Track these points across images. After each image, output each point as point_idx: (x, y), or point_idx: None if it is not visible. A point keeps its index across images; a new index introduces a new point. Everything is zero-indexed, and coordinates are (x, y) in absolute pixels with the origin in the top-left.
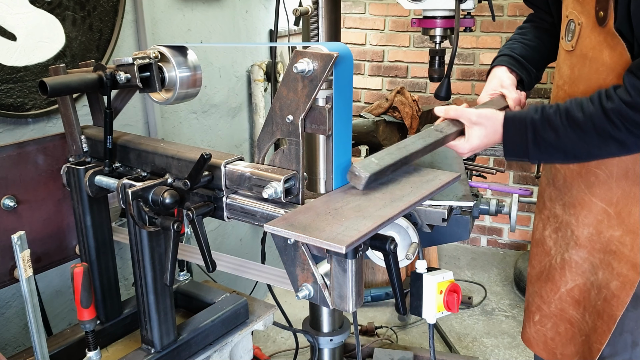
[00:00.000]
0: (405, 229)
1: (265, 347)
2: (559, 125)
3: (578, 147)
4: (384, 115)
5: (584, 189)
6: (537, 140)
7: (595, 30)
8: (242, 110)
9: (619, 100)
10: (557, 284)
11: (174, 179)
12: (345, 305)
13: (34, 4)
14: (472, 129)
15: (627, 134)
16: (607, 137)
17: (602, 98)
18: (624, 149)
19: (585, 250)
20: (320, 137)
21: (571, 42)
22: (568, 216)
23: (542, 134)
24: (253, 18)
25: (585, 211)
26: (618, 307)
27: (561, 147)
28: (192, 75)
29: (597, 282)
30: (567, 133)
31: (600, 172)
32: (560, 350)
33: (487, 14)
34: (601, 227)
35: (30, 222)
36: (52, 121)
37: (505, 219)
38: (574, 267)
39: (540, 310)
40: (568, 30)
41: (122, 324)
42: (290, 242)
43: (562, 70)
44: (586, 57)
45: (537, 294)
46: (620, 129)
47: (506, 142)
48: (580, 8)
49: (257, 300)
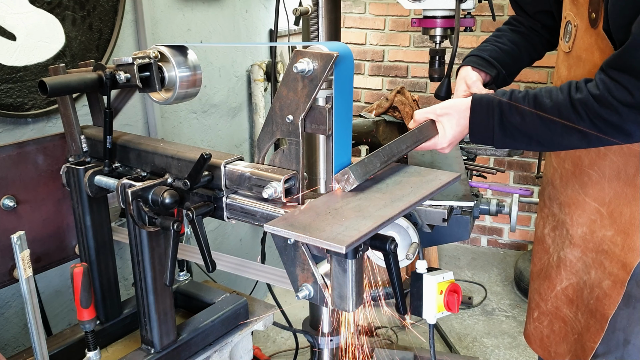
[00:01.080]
0: (405, 229)
1: (265, 347)
2: (526, 109)
3: (542, 134)
4: (384, 115)
5: (577, 188)
6: (502, 123)
7: (588, 32)
8: (242, 110)
9: (587, 92)
10: (553, 282)
11: (174, 179)
12: (345, 305)
13: (33, 3)
14: (441, 122)
15: (591, 126)
16: (571, 127)
17: (572, 88)
18: (585, 140)
19: (579, 249)
20: (320, 137)
21: (568, 44)
22: (563, 215)
23: (508, 117)
24: (253, 18)
25: (579, 211)
26: (610, 306)
27: (526, 132)
28: (192, 75)
29: (589, 282)
30: (532, 118)
31: (593, 173)
32: (554, 348)
33: (487, 13)
34: (594, 226)
35: (30, 222)
36: (52, 121)
37: (506, 219)
38: (568, 266)
39: (538, 307)
40: (566, 32)
41: (121, 324)
42: (290, 242)
43: (560, 70)
44: (580, 59)
45: (536, 291)
46: (584, 120)
47: (472, 123)
48: (576, 10)
49: (257, 300)
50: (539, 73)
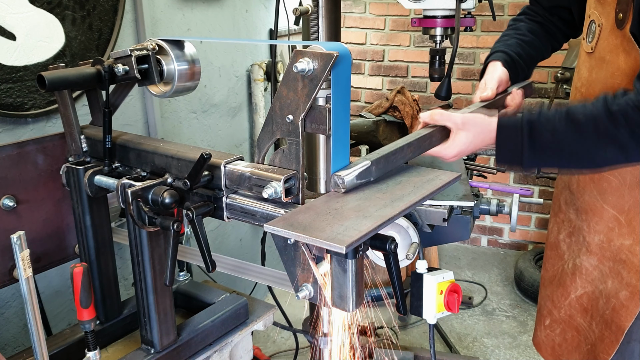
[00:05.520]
0: (405, 228)
1: (265, 347)
2: (557, 125)
3: (575, 149)
4: (384, 114)
5: (596, 194)
6: (533, 142)
7: (613, 33)
8: (242, 110)
9: (626, 102)
10: (567, 290)
11: (174, 179)
12: (345, 305)
13: (33, 3)
14: (458, 134)
15: (629, 137)
16: (608, 139)
17: (608, 100)
18: (623, 154)
19: (596, 257)
20: (320, 137)
21: (591, 44)
22: (580, 222)
23: (539, 136)
24: (253, 17)
25: (596, 217)
26: (627, 318)
27: (558, 148)
28: (191, 68)
29: (605, 291)
30: (565, 133)
31: (613, 179)
32: (566, 357)
33: (487, 13)
34: (612, 234)
35: (30, 222)
36: (52, 121)
37: (506, 219)
38: (584, 274)
39: (551, 314)
40: (589, 31)
41: (121, 324)
42: (290, 242)
43: (581, 72)
44: (604, 60)
45: (548, 297)
46: (623, 131)
47: (499, 144)
48: (602, 9)
49: (257, 300)
50: (539, 73)
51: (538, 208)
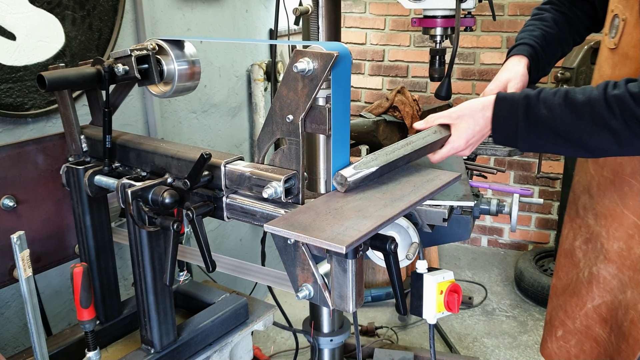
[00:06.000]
0: (405, 229)
1: (265, 348)
2: (554, 103)
3: (570, 130)
4: (384, 114)
5: (616, 199)
6: (528, 116)
7: (638, 27)
8: (242, 110)
9: (625, 90)
10: (583, 299)
11: (174, 179)
12: (345, 305)
13: (33, 3)
14: (457, 125)
15: (623, 126)
16: (601, 126)
17: (609, 85)
18: (616, 141)
19: (615, 265)
20: (320, 137)
21: (614, 39)
22: (599, 227)
23: (535, 109)
24: (253, 17)
25: (616, 223)
26: None
27: (552, 126)
28: (191, 68)
29: (625, 302)
30: (562, 112)
31: (635, 183)
32: None
33: (487, 13)
34: (632, 242)
35: (30, 222)
36: (52, 121)
37: (506, 219)
38: (602, 283)
39: (564, 325)
40: (612, 26)
41: (121, 324)
42: (290, 242)
43: (603, 68)
44: (627, 56)
45: (561, 307)
46: (617, 118)
47: (495, 117)
48: (626, 2)
49: (257, 300)
50: None
51: (538, 208)
